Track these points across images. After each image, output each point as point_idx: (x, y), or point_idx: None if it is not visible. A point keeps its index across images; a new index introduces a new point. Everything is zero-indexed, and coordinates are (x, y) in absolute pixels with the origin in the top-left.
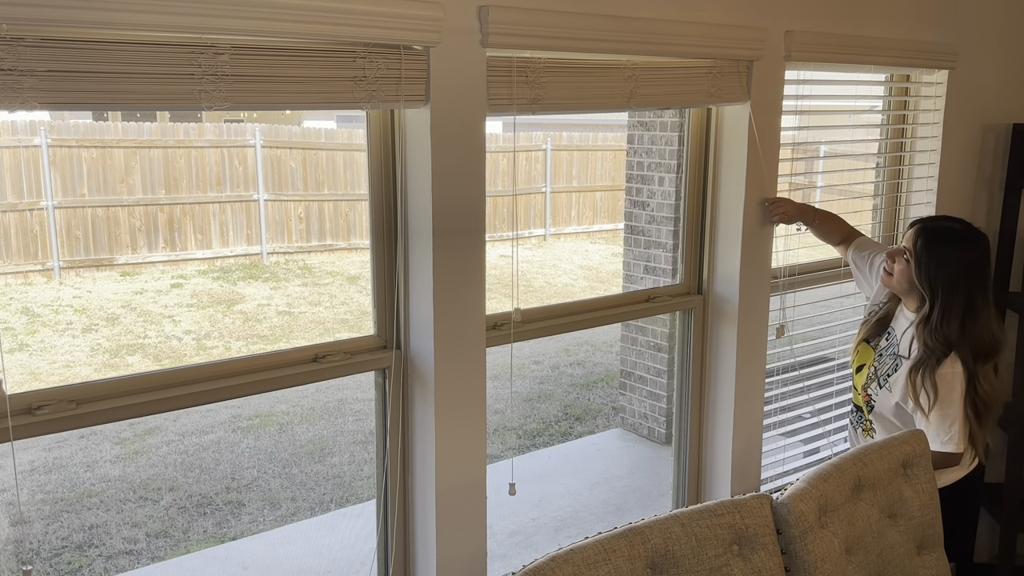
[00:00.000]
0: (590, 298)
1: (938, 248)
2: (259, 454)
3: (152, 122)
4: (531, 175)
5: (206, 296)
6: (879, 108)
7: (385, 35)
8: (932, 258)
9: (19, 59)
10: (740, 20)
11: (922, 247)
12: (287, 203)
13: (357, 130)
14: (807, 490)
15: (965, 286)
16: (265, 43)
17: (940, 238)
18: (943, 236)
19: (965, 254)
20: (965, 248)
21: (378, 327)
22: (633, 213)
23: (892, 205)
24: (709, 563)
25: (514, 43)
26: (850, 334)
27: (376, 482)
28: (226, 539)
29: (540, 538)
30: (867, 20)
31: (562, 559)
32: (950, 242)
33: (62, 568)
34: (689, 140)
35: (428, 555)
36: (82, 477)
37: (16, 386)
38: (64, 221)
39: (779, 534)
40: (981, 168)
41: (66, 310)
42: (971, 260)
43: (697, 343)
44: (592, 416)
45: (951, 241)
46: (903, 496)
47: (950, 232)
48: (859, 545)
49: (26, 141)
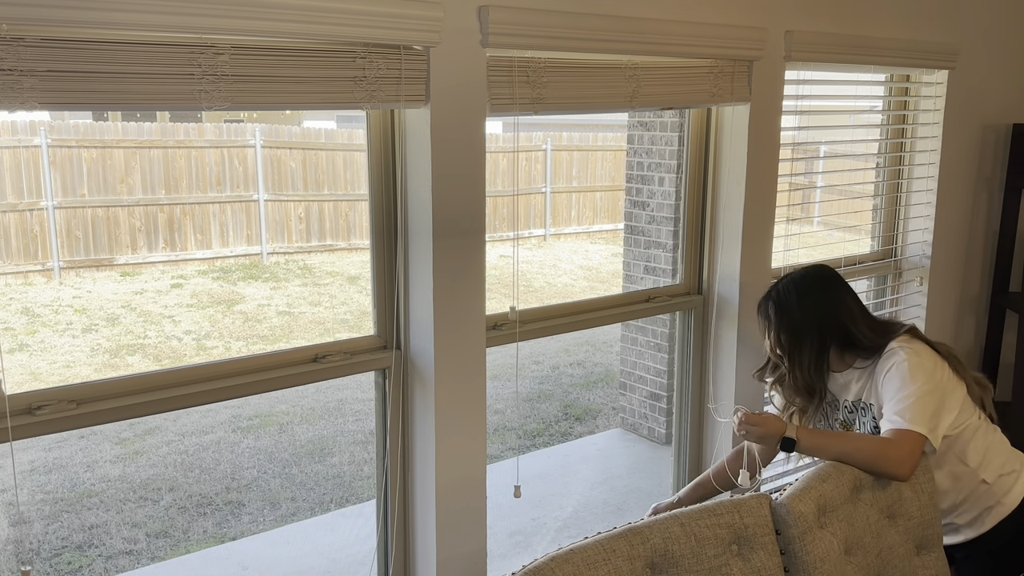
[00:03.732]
0: (590, 298)
1: (777, 313)
2: (259, 454)
3: (152, 122)
4: (531, 175)
5: (206, 296)
6: (879, 108)
7: (385, 35)
8: (776, 320)
9: (19, 59)
10: (740, 20)
11: (769, 315)
12: (287, 203)
13: (357, 130)
14: (806, 490)
15: (810, 329)
16: (265, 43)
17: (774, 306)
18: (774, 303)
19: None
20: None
21: (378, 327)
22: (633, 213)
23: (892, 205)
24: (708, 563)
25: (514, 43)
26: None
27: (376, 482)
28: (226, 539)
29: (540, 538)
30: (867, 20)
31: (562, 559)
32: (782, 302)
33: (62, 568)
34: (689, 140)
35: (428, 555)
36: (82, 477)
37: (16, 386)
38: (64, 221)
39: (778, 534)
40: (981, 168)
41: (66, 310)
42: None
43: (697, 343)
44: (592, 416)
45: (782, 300)
46: (902, 496)
47: (775, 296)
48: (858, 545)
49: (26, 141)
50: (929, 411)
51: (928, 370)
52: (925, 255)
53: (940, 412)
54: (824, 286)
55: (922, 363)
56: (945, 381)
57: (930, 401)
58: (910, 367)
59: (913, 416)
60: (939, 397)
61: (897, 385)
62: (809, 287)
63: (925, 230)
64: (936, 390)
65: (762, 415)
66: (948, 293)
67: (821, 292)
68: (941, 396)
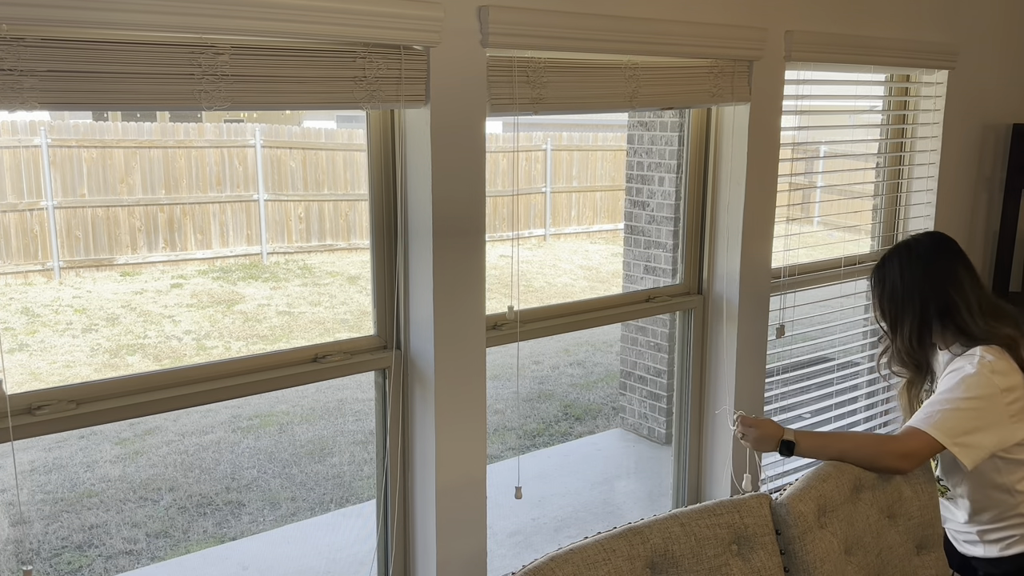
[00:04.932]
0: (590, 298)
1: (884, 277)
2: (259, 454)
3: (152, 122)
4: (531, 175)
5: (206, 296)
6: (879, 108)
7: (385, 35)
8: (880, 287)
9: (19, 59)
10: (740, 20)
11: (874, 285)
12: (287, 203)
13: (357, 130)
14: (806, 490)
15: (915, 297)
16: (265, 43)
17: (879, 272)
18: (880, 269)
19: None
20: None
21: (378, 327)
22: (633, 213)
23: (892, 205)
24: (708, 563)
25: (514, 43)
26: (850, 334)
27: (376, 482)
28: (226, 539)
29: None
30: (867, 20)
31: (562, 559)
32: (892, 263)
33: (62, 568)
34: (689, 140)
35: (428, 555)
36: (82, 477)
37: (16, 386)
38: (64, 221)
39: (778, 534)
40: (981, 168)
41: (66, 310)
42: (917, 269)
43: (697, 343)
44: (592, 416)
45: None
46: (902, 496)
47: (891, 256)
48: (858, 545)
49: (26, 141)
50: (963, 425)
51: (992, 387)
52: None
53: (983, 434)
54: (934, 254)
55: (990, 380)
56: (1012, 405)
57: (971, 416)
58: (972, 377)
59: (939, 421)
60: (990, 417)
61: (947, 386)
62: (918, 256)
63: (925, 230)
64: (989, 409)
65: (759, 419)
66: None
67: (929, 262)
68: (995, 417)
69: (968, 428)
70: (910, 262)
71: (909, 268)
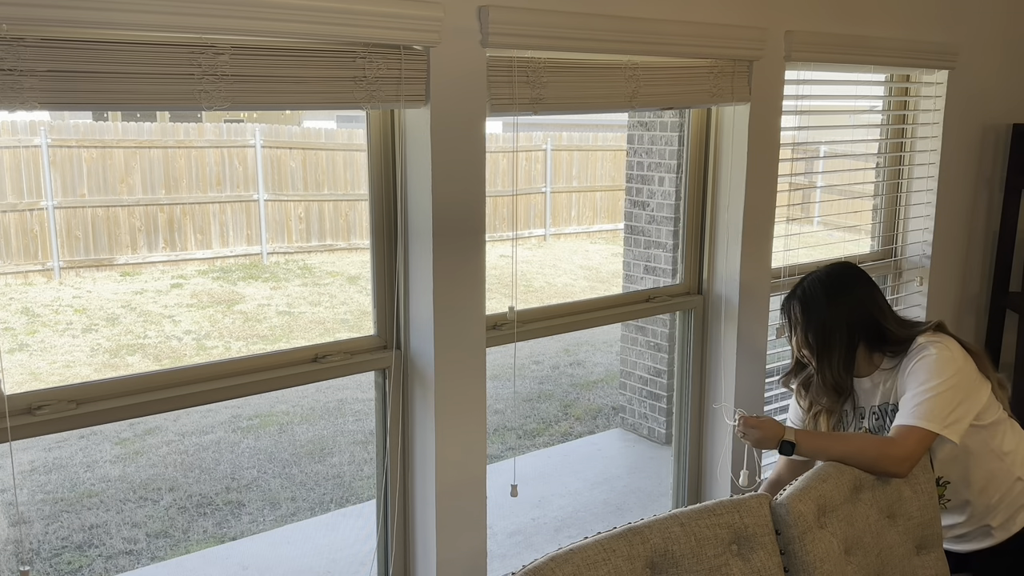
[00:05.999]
0: (590, 298)
1: (806, 311)
2: (259, 454)
3: (152, 122)
4: (531, 175)
5: (206, 296)
6: (879, 108)
7: (385, 35)
8: (804, 319)
9: (19, 59)
10: (740, 20)
11: (797, 315)
12: (287, 203)
13: (357, 130)
14: (806, 490)
15: (839, 325)
16: (265, 43)
17: (800, 305)
18: (800, 302)
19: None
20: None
21: (378, 327)
22: (633, 213)
23: (892, 205)
24: (708, 563)
25: (514, 43)
26: None
27: (376, 482)
28: (226, 539)
29: (540, 538)
30: (867, 20)
31: (562, 559)
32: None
33: (62, 568)
34: (689, 140)
35: (428, 555)
36: (82, 477)
37: (16, 386)
38: (64, 221)
39: (778, 534)
40: (981, 168)
41: (66, 310)
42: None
43: (697, 343)
44: (592, 416)
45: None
46: (902, 496)
47: (808, 291)
48: (858, 545)
49: (26, 141)
50: (948, 407)
51: (957, 364)
52: (925, 255)
53: (963, 406)
54: (852, 283)
55: (952, 357)
56: (972, 375)
57: (952, 396)
58: (938, 360)
59: (927, 412)
60: (964, 392)
61: (922, 378)
62: (837, 284)
63: (925, 230)
64: (961, 385)
65: (760, 419)
66: (948, 293)
67: (849, 290)
68: (967, 391)
69: (952, 407)
70: (834, 293)
71: (834, 299)
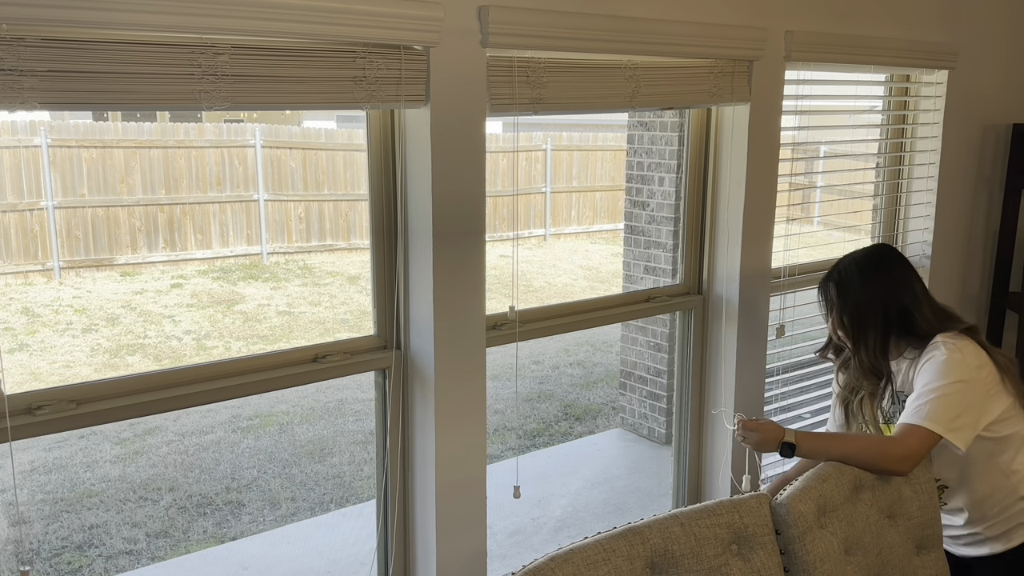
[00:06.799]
0: (590, 298)
1: (844, 290)
2: (259, 454)
3: (152, 122)
4: (531, 175)
5: (206, 296)
6: (879, 108)
7: (385, 35)
8: (841, 301)
9: (19, 59)
10: (740, 20)
11: (834, 296)
12: (287, 203)
13: (357, 130)
14: (806, 490)
15: (876, 308)
16: (265, 43)
17: (836, 287)
18: (836, 284)
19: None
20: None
21: (378, 327)
22: (633, 213)
23: (892, 205)
24: (708, 563)
25: (514, 43)
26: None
27: (376, 482)
28: (226, 539)
29: (540, 538)
30: (867, 20)
31: (562, 559)
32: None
33: (62, 568)
34: (689, 140)
35: (428, 555)
36: (82, 477)
37: (16, 386)
38: (64, 221)
39: (778, 534)
40: (981, 168)
41: (66, 310)
42: (872, 281)
43: (697, 343)
44: (592, 416)
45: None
46: (902, 496)
47: (845, 270)
48: (858, 545)
49: (26, 141)
50: (953, 410)
51: (967, 369)
52: (925, 255)
53: (971, 413)
54: (888, 265)
55: (963, 360)
56: (987, 383)
57: (958, 400)
58: (947, 362)
59: (930, 412)
60: (971, 397)
61: (928, 378)
62: (872, 265)
63: (925, 230)
64: (969, 390)
65: (759, 421)
66: (948, 293)
67: (885, 272)
68: (975, 397)
69: (958, 411)
70: (869, 275)
71: (869, 281)
